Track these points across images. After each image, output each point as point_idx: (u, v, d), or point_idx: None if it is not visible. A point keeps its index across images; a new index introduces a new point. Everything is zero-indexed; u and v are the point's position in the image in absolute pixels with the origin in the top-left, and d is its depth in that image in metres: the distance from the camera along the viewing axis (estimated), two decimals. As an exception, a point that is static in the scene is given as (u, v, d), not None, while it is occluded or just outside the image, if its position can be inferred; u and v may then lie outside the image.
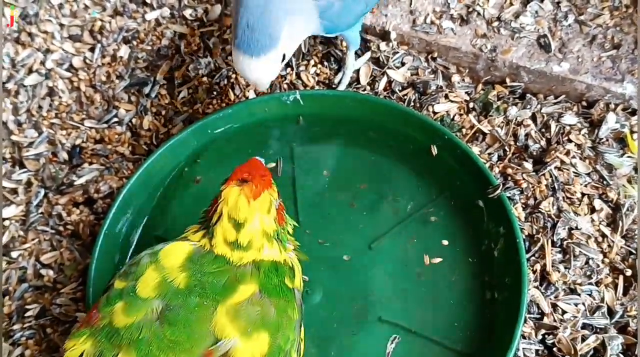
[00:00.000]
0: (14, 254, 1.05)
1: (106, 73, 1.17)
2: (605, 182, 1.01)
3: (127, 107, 1.14)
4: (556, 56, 1.07)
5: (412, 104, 1.08)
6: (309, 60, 1.13)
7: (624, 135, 1.03)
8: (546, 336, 0.92)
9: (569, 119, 1.05)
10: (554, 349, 0.91)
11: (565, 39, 1.09)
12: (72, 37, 1.21)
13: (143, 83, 1.15)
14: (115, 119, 1.14)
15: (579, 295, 0.94)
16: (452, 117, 1.07)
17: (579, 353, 0.90)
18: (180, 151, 1.04)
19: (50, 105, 1.15)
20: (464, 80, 1.11)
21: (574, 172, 1.01)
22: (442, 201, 1.01)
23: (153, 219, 1.02)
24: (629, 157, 1.02)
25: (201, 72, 1.14)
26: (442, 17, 1.12)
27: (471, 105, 1.08)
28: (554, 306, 0.94)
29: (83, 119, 1.14)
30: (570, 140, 1.03)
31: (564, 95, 1.08)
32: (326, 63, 1.13)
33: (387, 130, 1.04)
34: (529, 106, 1.07)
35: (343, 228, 1.00)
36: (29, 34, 1.20)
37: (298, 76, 1.12)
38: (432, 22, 1.11)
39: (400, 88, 1.10)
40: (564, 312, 0.94)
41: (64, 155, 1.11)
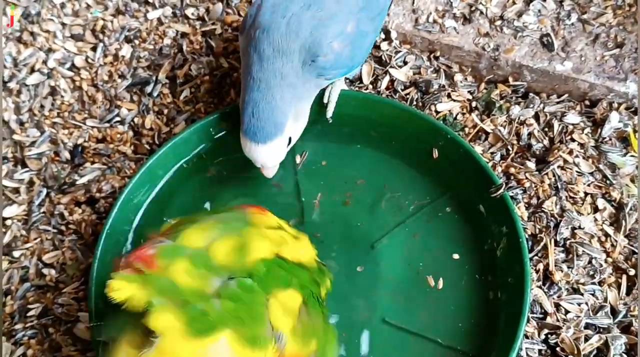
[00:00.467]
0: (16, 254, 1.05)
1: (108, 72, 1.17)
2: (608, 182, 1.00)
3: (129, 106, 1.14)
4: (559, 55, 1.07)
5: (414, 103, 1.08)
6: (311, 60, 1.13)
7: (627, 134, 1.02)
8: (549, 335, 0.92)
9: (571, 118, 1.05)
10: (557, 349, 0.91)
11: (568, 38, 1.08)
12: (74, 37, 1.21)
13: (145, 82, 1.15)
14: (118, 119, 1.13)
15: (582, 295, 0.94)
16: (454, 116, 1.07)
17: (582, 353, 0.90)
18: (182, 151, 1.04)
19: (52, 104, 1.15)
20: (466, 79, 1.11)
21: (577, 171, 1.01)
22: (445, 200, 1.01)
23: (155, 218, 1.02)
24: (632, 156, 1.01)
25: (203, 71, 1.14)
26: (444, 16, 1.11)
27: (474, 104, 1.08)
28: (557, 306, 0.94)
29: (85, 119, 1.14)
30: (573, 140, 1.03)
31: (566, 94, 1.07)
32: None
33: (389, 130, 1.04)
34: (531, 105, 1.06)
35: (346, 228, 1.01)
36: (31, 33, 1.20)
37: (300, 75, 1.12)
38: (434, 21, 1.11)
39: (402, 87, 1.10)
40: (567, 312, 0.93)
41: (66, 154, 1.11)
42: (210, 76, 1.14)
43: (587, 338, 0.91)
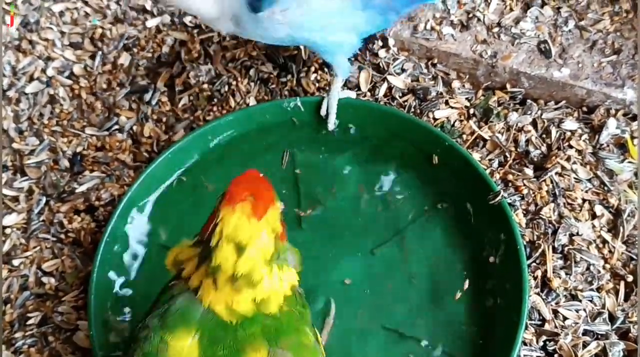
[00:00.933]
0: (15, 262, 1.05)
1: (107, 80, 1.17)
2: (606, 188, 1.01)
3: (128, 114, 1.14)
4: (556, 62, 1.07)
5: (412, 110, 1.08)
6: (309, 67, 1.13)
7: (625, 140, 1.03)
8: (547, 342, 0.92)
9: (569, 125, 1.05)
10: (555, 355, 0.91)
11: (566, 45, 1.09)
12: (73, 45, 1.21)
13: (144, 90, 1.16)
14: (116, 127, 1.14)
15: (580, 301, 0.94)
16: (452, 123, 1.07)
17: (581, 359, 0.90)
18: (181, 158, 1.04)
19: (51, 113, 1.16)
20: (464, 86, 1.11)
21: (574, 178, 1.01)
22: (444, 207, 1.01)
23: (155, 226, 1.02)
24: (629, 162, 1.01)
25: (202, 79, 1.14)
26: (442, 23, 1.12)
27: (471, 111, 1.08)
28: (555, 312, 0.94)
29: (84, 127, 1.14)
30: (571, 146, 1.03)
31: (564, 101, 1.08)
32: (326, 69, 1.13)
33: (388, 137, 1.04)
34: (529, 112, 1.07)
35: (346, 234, 1.01)
36: (30, 41, 1.21)
37: (299, 83, 1.12)
38: (432, 28, 1.11)
39: (400, 94, 1.10)
40: (565, 318, 0.94)
41: (65, 163, 1.11)
42: (209, 84, 1.14)
43: (585, 345, 0.92)
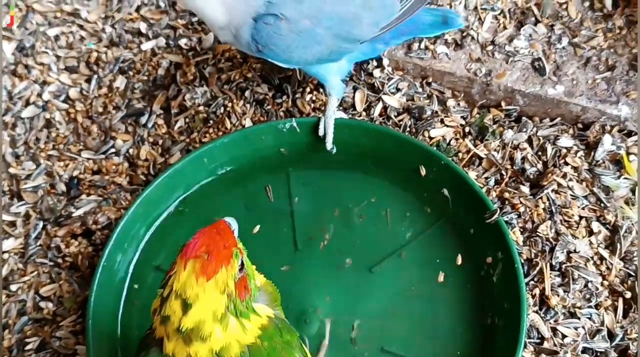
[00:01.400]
0: (13, 287, 1.05)
1: (103, 104, 1.17)
2: (602, 205, 1.01)
3: (124, 137, 1.15)
4: (551, 79, 1.07)
5: (407, 129, 1.08)
6: (304, 88, 1.13)
7: (621, 157, 1.03)
8: (547, 360, 0.92)
9: (565, 142, 1.05)
10: (555, 374, 0.92)
11: (560, 62, 1.09)
12: (69, 69, 1.21)
13: (140, 113, 1.16)
14: (113, 150, 1.14)
15: (579, 319, 0.94)
16: (448, 141, 1.07)
17: (580, 377, 0.90)
18: (178, 181, 1.04)
19: (48, 137, 1.16)
20: (459, 104, 1.11)
21: (571, 195, 1.01)
22: (441, 226, 1.01)
23: (152, 250, 1.02)
24: (625, 178, 1.02)
25: (197, 101, 1.15)
26: (436, 42, 1.12)
27: (467, 129, 1.08)
28: (554, 330, 0.94)
29: (80, 150, 1.14)
30: (566, 163, 1.03)
31: (559, 118, 1.08)
32: (322, 90, 1.13)
33: (383, 156, 1.04)
34: (524, 129, 1.07)
35: (343, 252, 1.01)
36: (26, 66, 1.21)
37: (294, 103, 1.13)
38: (426, 48, 1.12)
39: (395, 114, 1.10)
40: (564, 336, 0.94)
41: (62, 187, 1.11)
42: (205, 106, 1.14)
43: (584, 362, 0.92)
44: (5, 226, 1.09)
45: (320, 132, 1.04)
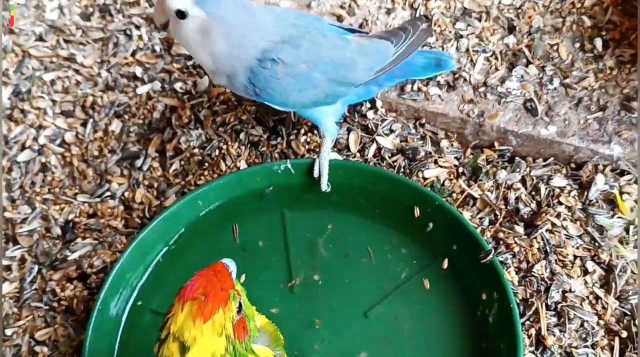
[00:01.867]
0: (8, 332, 1.04)
1: (98, 147, 1.18)
2: (597, 244, 1.01)
3: (120, 180, 1.15)
4: (543, 119, 1.08)
5: (402, 170, 1.09)
6: (299, 129, 1.14)
7: (614, 196, 1.03)
8: (544, 401, 0.92)
9: (558, 182, 1.06)
10: (553, 415, 0.91)
11: (552, 102, 1.10)
12: (64, 113, 1.22)
13: (135, 156, 1.16)
14: (108, 193, 1.14)
15: (576, 359, 0.94)
16: (442, 182, 1.08)
17: (578, 418, 0.90)
18: (173, 223, 1.04)
19: (43, 181, 1.16)
20: (452, 145, 1.12)
21: (565, 234, 1.01)
22: (436, 266, 1.01)
23: (147, 292, 1.02)
24: (619, 218, 1.02)
25: (192, 143, 1.15)
26: (429, 83, 1.13)
27: (461, 170, 1.09)
28: (551, 371, 0.94)
29: (76, 194, 1.15)
30: (560, 203, 1.04)
31: (552, 158, 1.09)
32: (316, 131, 1.14)
33: (378, 197, 1.05)
34: (518, 169, 1.07)
35: (338, 295, 1.01)
36: (22, 110, 1.22)
37: (289, 145, 1.13)
38: (419, 89, 1.13)
39: (389, 154, 1.11)
40: (561, 376, 0.93)
41: (57, 230, 1.11)
42: (200, 148, 1.15)
43: (582, 403, 0.91)
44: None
45: (315, 174, 1.05)
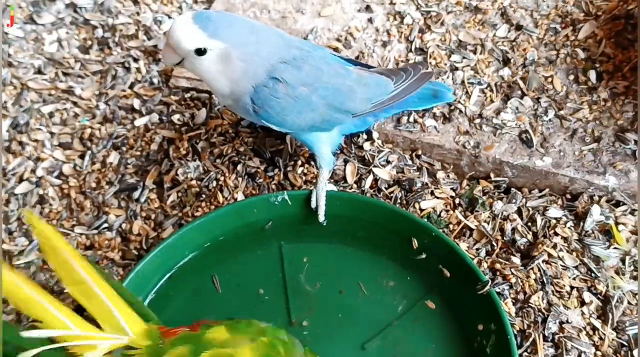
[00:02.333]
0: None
1: (96, 179, 1.18)
2: (593, 275, 1.01)
3: (117, 212, 1.15)
4: (538, 151, 1.09)
5: (398, 201, 1.09)
6: (296, 161, 1.14)
7: (610, 227, 1.04)
8: None
9: (554, 213, 1.06)
10: None
11: (547, 134, 1.11)
12: (62, 145, 1.23)
13: (132, 188, 1.17)
14: (105, 225, 1.14)
15: (573, 390, 0.94)
16: (438, 213, 1.08)
17: None
18: (170, 255, 1.04)
19: (41, 212, 1.16)
20: (448, 176, 1.12)
21: (561, 265, 1.02)
22: (433, 298, 1.01)
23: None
24: (615, 248, 1.02)
25: (190, 175, 1.16)
26: (424, 115, 1.14)
27: (457, 201, 1.10)
28: (549, 403, 0.94)
29: (73, 226, 1.15)
30: (556, 234, 1.04)
31: (548, 189, 1.09)
32: (313, 163, 1.14)
33: (375, 228, 1.05)
34: (514, 200, 1.08)
35: (336, 328, 1.00)
36: (20, 142, 1.22)
37: (286, 176, 1.14)
38: (415, 121, 1.13)
39: (386, 186, 1.11)
40: (559, 408, 0.93)
41: (55, 262, 1.11)
42: (197, 180, 1.15)
43: None
44: (-3, 302, 1.09)
45: (313, 205, 1.05)
